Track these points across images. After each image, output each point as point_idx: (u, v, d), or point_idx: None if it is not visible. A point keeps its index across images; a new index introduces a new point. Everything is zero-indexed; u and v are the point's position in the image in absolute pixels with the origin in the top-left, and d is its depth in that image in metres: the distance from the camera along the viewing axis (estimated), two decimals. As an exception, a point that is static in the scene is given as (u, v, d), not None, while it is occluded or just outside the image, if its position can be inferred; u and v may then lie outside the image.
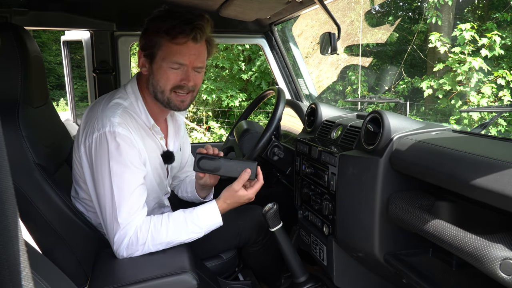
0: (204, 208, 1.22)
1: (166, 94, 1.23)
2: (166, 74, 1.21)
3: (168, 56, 1.19)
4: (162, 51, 1.19)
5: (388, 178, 1.08)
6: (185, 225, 1.17)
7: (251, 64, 8.60)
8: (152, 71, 1.22)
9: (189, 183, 1.56)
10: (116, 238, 1.12)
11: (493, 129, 6.66)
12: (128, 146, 1.15)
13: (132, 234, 1.12)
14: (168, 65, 1.20)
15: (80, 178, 1.27)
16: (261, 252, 1.66)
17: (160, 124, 1.34)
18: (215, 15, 1.92)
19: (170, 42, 1.17)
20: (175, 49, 1.18)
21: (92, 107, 1.26)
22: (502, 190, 0.72)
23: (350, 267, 1.33)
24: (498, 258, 0.71)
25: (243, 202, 1.26)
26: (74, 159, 1.27)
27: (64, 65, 2.81)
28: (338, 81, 9.08)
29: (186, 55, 1.19)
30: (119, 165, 1.13)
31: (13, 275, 0.32)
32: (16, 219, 0.33)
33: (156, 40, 1.18)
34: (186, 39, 1.18)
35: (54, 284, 0.83)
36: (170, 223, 1.16)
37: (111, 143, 1.13)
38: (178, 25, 1.16)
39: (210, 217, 1.21)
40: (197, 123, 8.87)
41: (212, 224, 1.22)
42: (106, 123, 1.15)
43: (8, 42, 1.16)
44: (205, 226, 1.20)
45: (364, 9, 8.97)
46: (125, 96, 1.26)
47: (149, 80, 1.24)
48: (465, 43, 6.80)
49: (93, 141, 1.15)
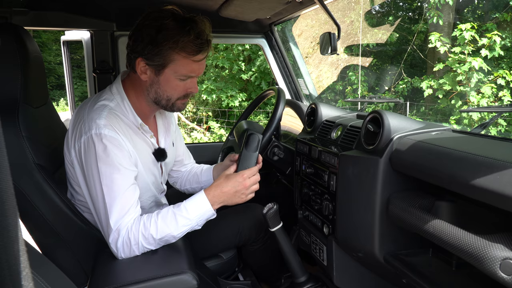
0: (192, 200, 1.18)
1: (172, 101, 1.25)
2: (174, 84, 1.21)
3: (183, 71, 1.19)
4: (175, 66, 1.17)
5: (388, 178, 1.08)
6: (173, 219, 1.14)
7: (251, 64, 8.61)
8: (158, 81, 1.21)
9: (202, 173, 1.58)
10: (111, 240, 1.12)
11: (493, 129, 6.66)
12: (116, 147, 1.14)
13: (124, 235, 1.11)
14: (178, 77, 1.20)
15: (74, 181, 1.27)
16: (261, 250, 1.66)
17: (149, 122, 1.33)
18: (215, 15, 1.92)
19: (187, 59, 1.17)
20: (191, 65, 1.19)
21: (78, 110, 1.25)
22: (502, 190, 0.72)
23: (350, 267, 1.33)
24: (498, 258, 0.71)
25: (238, 188, 1.19)
26: (67, 163, 1.26)
27: (64, 65, 2.81)
28: (338, 81, 9.08)
29: (199, 69, 1.22)
30: (107, 167, 1.12)
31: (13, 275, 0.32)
32: (16, 219, 0.33)
33: (169, 54, 1.15)
34: (204, 56, 1.20)
35: (54, 284, 0.83)
36: (159, 220, 1.13)
37: (98, 145, 1.13)
38: (195, 41, 1.15)
39: (199, 206, 1.16)
40: (197, 123, 8.87)
41: (203, 213, 1.16)
42: (92, 126, 1.14)
43: (8, 42, 1.16)
44: (195, 217, 1.15)
45: (364, 9, 8.97)
46: (111, 97, 1.25)
47: (150, 87, 1.23)
48: (465, 43, 6.80)
49: (82, 145, 1.15)
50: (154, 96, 1.24)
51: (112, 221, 1.11)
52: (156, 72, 1.19)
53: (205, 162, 2.26)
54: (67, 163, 1.26)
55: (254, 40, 2.35)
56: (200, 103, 9.44)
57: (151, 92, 1.24)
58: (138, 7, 1.99)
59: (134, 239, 1.11)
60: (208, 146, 2.40)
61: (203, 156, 2.28)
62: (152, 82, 1.22)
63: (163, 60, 1.16)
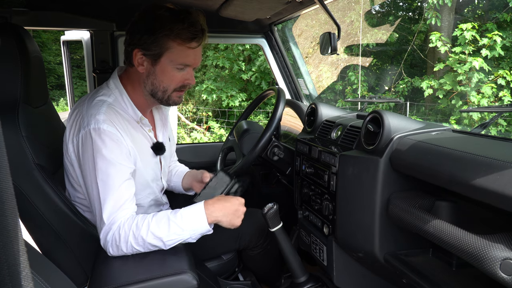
0: (190, 209, 1.15)
1: (168, 93, 1.25)
2: (171, 74, 1.23)
3: (178, 59, 1.21)
4: (171, 53, 1.19)
5: (388, 178, 1.08)
6: (167, 224, 1.11)
7: (251, 64, 8.60)
8: (154, 71, 1.22)
9: (175, 174, 1.63)
10: (102, 234, 1.12)
11: (493, 129, 6.66)
12: (114, 142, 1.15)
13: (115, 231, 1.10)
14: (175, 66, 1.22)
15: (73, 178, 1.27)
16: (261, 255, 1.66)
17: (146, 116, 1.34)
18: (215, 15, 1.92)
19: (182, 46, 1.19)
20: (187, 52, 1.20)
21: (76, 106, 1.26)
22: (502, 190, 0.72)
23: (350, 267, 1.33)
24: (498, 258, 0.71)
25: (238, 208, 1.20)
26: (65, 160, 1.27)
27: (64, 65, 2.81)
28: (338, 81, 9.08)
29: (195, 58, 1.23)
30: (104, 161, 1.12)
31: (13, 275, 0.32)
32: (16, 219, 0.33)
33: (164, 42, 1.18)
34: (198, 43, 1.21)
35: (54, 284, 0.83)
36: (153, 221, 1.11)
37: (96, 139, 1.13)
38: (189, 29, 1.17)
39: (195, 219, 1.13)
40: (197, 123, 8.87)
41: (197, 228, 1.13)
42: (91, 121, 1.15)
43: (8, 42, 1.16)
44: (189, 229, 1.12)
45: (364, 9, 8.97)
46: (109, 92, 1.26)
47: (147, 79, 1.24)
48: (466, 43, 6.80)
49: (80, 139, 1.16)
50: (150, 88, 1.25)
51: (105, 215, 1.11)
52: (152, 62, 1.21)
53: (205, 162, 2.26)
54: (65, 160, 1.27)
55: (254, 40, 2.35)
56: (200, 103, 9.43)
57: (148, 84, 1.25)
58: (138, 7, 1.99)
59: (124, 236, 1.10)
60: (208, 146, 2.40)
61: (203, 156, 2.28)
62: (148, 73, 1.23)
63: (159, 48, 1.18)
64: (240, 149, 1.60)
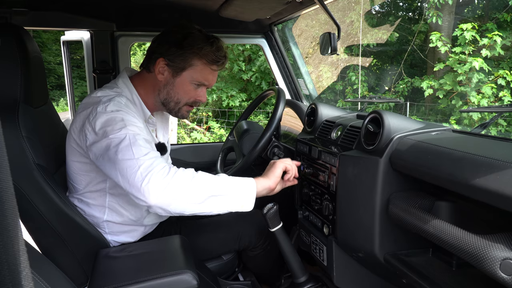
0: (241, 179, 1.20)
1: (179, 105, 1.33)
2: (187, 89, 1.30)
3: (198, 77, 1.29)
4: (193, 70, 1.28)
5: (388, 178, 1.08)
6: (212, 176, 1.13)
7: (251, 64, 8.61)
8: (173, 82, 1.29)
9: None
10: (138, 181, 1.02)
11: (493, 129, 6.66)
12: (129, 114, 1.17)
13: (161, 169, 1.04)
14: (193, 82, 1.30)
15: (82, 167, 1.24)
16: (261, 255, 1.66)
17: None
18: (215, 15, 1.92)
19: (206, 66, 1.29)
20: (208, 72, 1.30)
21: (84, 102, 1.26)
22: (502, 190, 0.72)
23: (350, 267, 1.33)
24: (498, 258, 0.71)
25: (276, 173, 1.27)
26: (70, 155, 1.25)
27: (64, 65, 2.81)
28: (338, 81, 9.08)
29: (213, 79, 1.33)
30: (130, 126, 1.12)
31: (13, 275, 0.32)
32: (16, 219, 0.33)
33: (190, 58, 1.26)
34: (219, 68, 1.32)
35: (54, 284, 0.83)
36: (199, 172, 1.12)
37: (113, 114, 1.14)
38: (216, 53, 1.28)
39: (242, 180, 1.18)
40: (197, 123, 8.87)
41: (244, 189, 1.17)
42: (105, 105, 1.16)
43: (8, 43, 1.16)
44: (235, 187, 1.15)
45: (364, 9, 8.97)
46: (118, 90, 1.28)
47: (163, 87, 1.30)
48: (466, 43, 6.80)
49: (96, 120, 1.14)
50: (165, 97, 1.31)
51: (146, 162, 1.04)
52: (173, 73, 1.28)
53: (205, 162, 2.26)
54: (71, 155, 1.26)
55: (254, 40, 2.35)
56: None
57: (163, 93, 1.30)
58: (138, 7, 1.99)
59: (171, 171, 1.05)
60: (208, 146, 2.40)
61: (203, 156, 2.28)
62: (167, 83, 1.29)
63: (184, 63, 1.26)
64: (240, 149, 1.60)
